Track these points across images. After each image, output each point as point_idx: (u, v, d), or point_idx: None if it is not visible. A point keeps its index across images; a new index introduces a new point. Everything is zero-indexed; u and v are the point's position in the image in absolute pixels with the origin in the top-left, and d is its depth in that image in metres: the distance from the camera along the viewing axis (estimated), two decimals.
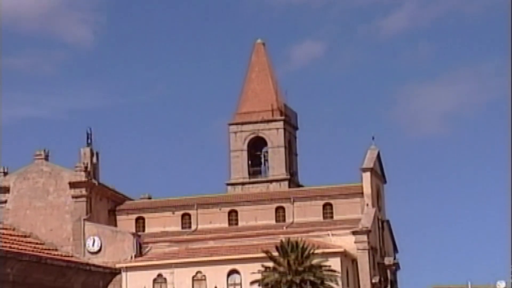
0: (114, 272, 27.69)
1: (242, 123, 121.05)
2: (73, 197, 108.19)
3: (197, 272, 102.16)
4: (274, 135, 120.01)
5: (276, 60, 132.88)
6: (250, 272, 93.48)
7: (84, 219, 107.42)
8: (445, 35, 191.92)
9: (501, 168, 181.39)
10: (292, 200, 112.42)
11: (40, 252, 24.42)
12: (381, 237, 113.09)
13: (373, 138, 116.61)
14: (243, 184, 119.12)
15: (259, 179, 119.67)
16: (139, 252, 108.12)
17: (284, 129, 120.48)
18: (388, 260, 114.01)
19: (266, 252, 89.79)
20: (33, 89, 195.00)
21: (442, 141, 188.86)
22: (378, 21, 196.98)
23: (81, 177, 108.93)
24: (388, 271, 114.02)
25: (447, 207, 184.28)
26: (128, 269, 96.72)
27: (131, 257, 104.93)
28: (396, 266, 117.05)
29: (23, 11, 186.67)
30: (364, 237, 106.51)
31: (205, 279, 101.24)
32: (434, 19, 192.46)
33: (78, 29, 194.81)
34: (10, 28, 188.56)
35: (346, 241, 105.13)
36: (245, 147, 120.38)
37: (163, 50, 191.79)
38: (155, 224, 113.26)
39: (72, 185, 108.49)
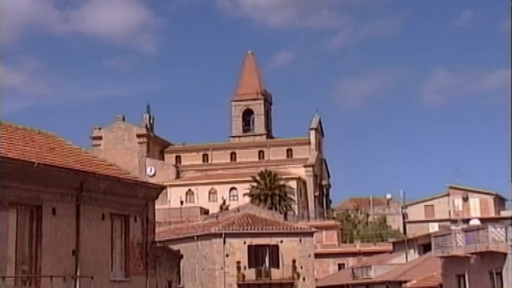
0: (162, 188, 26.81)
1: (239, 100, 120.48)
2: (139, 143, 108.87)
3: (212, 188, 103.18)
4: (258, 108, 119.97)
5: (261, 63, 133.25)
6: (243, 189, 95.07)
7: (145, 156, 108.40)
8: (366, 49, 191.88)
9: (396, 127, 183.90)
10: (268, 146, 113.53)
11: (119, 174, 23.95)
12: (320, 168, 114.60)
13: (317, 110, 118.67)
14: (239, 136, 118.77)
15: (248, 133, 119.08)
16: (177, 176, 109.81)
17: (264, 104, 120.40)
18: (324, 182, 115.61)
19: (253, 177, 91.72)
20: (117, 79, 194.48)
21: (361, 112, 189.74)
22: (326, 40, 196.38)
23: (143, 131, 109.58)
24: (324, 189, 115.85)
25: (360, 150, 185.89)
26: (170, 186, 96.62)
27: (173, 179, 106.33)
28: (329, 185, 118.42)
29: (115, 33, 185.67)
30: (310, 169, 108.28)
31: (216, 193, 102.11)
32: (359, 40, 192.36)
33: (147, 43, 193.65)
34: (107, 42, 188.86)
35: (300, 171, 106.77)
36: (241, 114, 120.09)
37: (194, 56, 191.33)
38: (187, 159, 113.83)
39: (138, 136, 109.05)
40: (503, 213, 78.56)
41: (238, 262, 52.18)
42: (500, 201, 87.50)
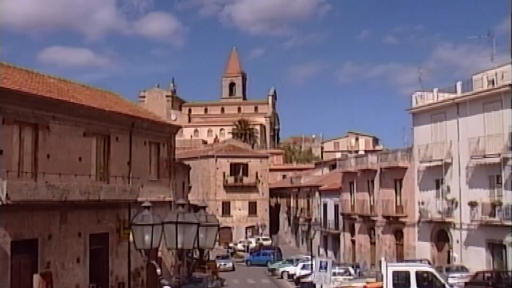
0: (179, 127, 26.26)
1: (227, 77, 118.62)
2: (167, 100, 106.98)
3: (209, 129, 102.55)
4: (238, 81, 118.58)
5: (242, 55, 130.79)
6: (228, 130, 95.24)
7: (170, 108, 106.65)
8: (306, 49, 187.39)
9: (321, 96, 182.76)
10: (244, 104, 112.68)
11: (155, 118, 23.42)
12: (274, 119, 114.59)
13: (274, 88, 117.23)
14: (226, 98, 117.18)
15: (232, 96, 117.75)
16: (189, 121, 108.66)
17: (242, 79, 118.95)
18: (276, 127, 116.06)
19: (234, 123, 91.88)
20: (158, 62, 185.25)
21: (301, 86, 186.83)
22: (283, 43, 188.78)
23: (170, 93, 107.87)
24: (276, 131, 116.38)
25: (299, 108, 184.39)
26: (185, 127, 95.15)
27: (186, 123, 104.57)
28: (278, 129, 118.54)
29: (159, 34, 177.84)
30: (268, 119, 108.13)
31: (212, 132, 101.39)
32: (302, 43, 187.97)
33: (177, 41, 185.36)
34: (154, 39, 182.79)
35: (262, 120, 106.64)
36: (228, 85, 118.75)
37: (203, 49, 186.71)
38: (195, 111, 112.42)
39: (166, 96, 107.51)
40: (377, 148, 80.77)
41: (224, 173, 53.35)
42: (375, 141, 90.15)
